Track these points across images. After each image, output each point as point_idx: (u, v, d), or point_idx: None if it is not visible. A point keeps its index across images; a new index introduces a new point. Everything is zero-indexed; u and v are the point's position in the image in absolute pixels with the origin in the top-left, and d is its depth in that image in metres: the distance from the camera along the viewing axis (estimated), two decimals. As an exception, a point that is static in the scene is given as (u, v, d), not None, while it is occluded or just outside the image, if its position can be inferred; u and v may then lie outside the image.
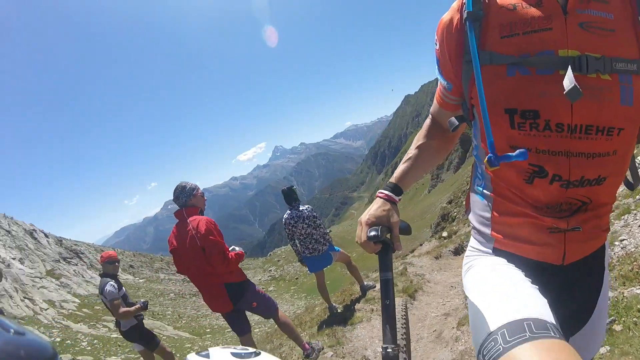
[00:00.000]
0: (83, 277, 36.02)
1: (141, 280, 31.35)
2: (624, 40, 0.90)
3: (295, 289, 24.01)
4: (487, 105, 0.96)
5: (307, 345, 3.95)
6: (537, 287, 1.01)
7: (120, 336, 5.02)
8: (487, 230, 1.15)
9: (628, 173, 1.13)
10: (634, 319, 2.79)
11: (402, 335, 1.25)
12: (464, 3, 0.99)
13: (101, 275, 4.62)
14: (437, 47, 1.13)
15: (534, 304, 0.89)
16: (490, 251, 1.16)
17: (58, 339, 19.89)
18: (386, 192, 1.21)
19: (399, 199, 1.22)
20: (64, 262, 37.67)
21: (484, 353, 0.85)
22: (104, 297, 4.34)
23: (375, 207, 1.17)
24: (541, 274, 1.07)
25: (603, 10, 0.89)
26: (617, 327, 2.83)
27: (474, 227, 1.22)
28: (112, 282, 4.38)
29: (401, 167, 1.29)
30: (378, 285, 5.67)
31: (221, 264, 3.33)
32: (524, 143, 0.96)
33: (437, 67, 1.18)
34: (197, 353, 1.11)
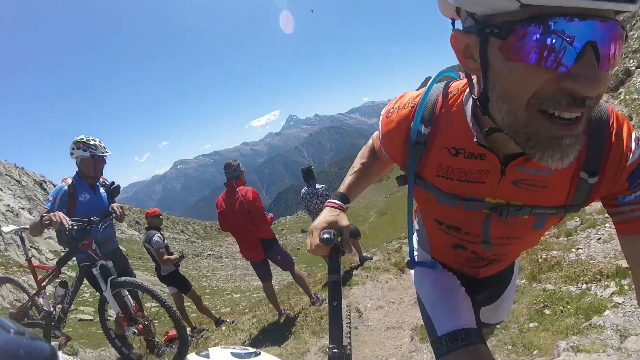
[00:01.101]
0: None
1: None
2: (553, 193, 0.95)
3: (296, 259, 24.99)
4: (419, 206, 1.28)
5: (313, 295, 5.07)
6: (463, 287, 1.36)
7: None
8: (428, 251, 1.48)
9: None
10: (561, 308, 3.58)
11: (347, 335, 1.31)
12: (411, 126, 1.04)
13: (147, 228, 5.65)
14: (381, 138, 1.18)
15: (465, 316, 1.23)
16: (430, 257, 1.48)
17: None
18: (335, 201, 1.28)
19: (347, 207, 1.29)
20: None
21: (435, 348, 1.21)
22: (151, 246, 5.28)
23: (326, 214, 1.22)
24: (465, 277, 1.42)
25: (544, 168, 0.89)
26: (547, 312, 3.65)
27: (418, 243, 1.52)
28: (159, 234, 5.40)
29: (348, 179, 1.38)
30: (375, 257, 6.73)
31: (262, 223, 4.52)
32: (451, 236, 1.23)
33: (380, 142, 1.22)
34: (197, 353, 1.16)
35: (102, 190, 3.89)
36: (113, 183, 4.04)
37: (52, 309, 3.77)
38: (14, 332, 0.57)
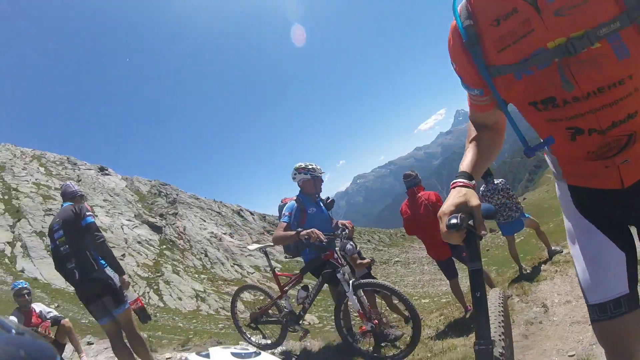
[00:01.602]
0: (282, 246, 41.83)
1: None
2: (599, 4, 0.93)
3: (486, 260, 23.84)
4: (514, 103, 1.19)
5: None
6: (611, 223, 1.24)
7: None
8: (560, 176, 1.37)
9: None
10: None
11: (498, 329, 1.19)
12: (456, 27, 1.15)
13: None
14: (455, 66, 1.25)
15: (614, 284, 1.18)
16: (566, 186, 1.35)
17: (261, 297, 23.89)
18: (460, 180, 1.16)
19: (474, 184, 1.17)
20: (268, 234, 44.15)
21: (589, 313, 1.25)
22: (345, 253, 5.98)
23: (452, 196, 1.10)
24: (606, 198, 1.23)
25: None
26: None
27: (553, 172, 1.42)
28: (351, 242, 6.22)
29: (467, 158, 1.27)
30: (565, 250, 6.18)
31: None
32: (555, 115, 1.11)
33: (461, 82, 1.28)
34: (198, 353, 1.09)
35: (321, 204, 4.64)
36: (328, 198, 4.80)
37: (292, 309, 4.45)
38: (14, 332, 0.60)
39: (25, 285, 5.35)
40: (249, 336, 4.82)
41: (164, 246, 29.87)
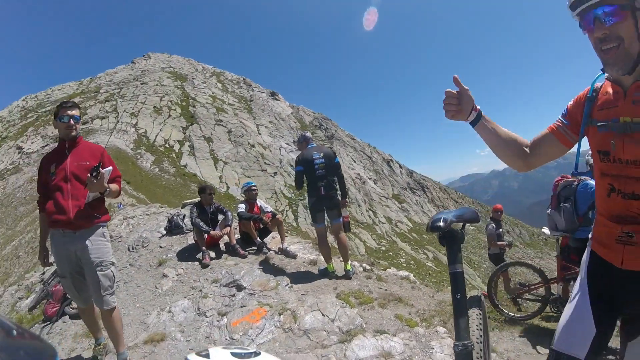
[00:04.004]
0: (422, 207, 41.74)
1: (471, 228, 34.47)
2: None
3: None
4: (591, 147, 1.59)
5: None
6: (602, 296, 1.50)
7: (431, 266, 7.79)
8: (591, 239, 1.67)
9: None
10: None
11: (477, 331, 1.22)
12: (587, 92, 1.59)
13: (491, 218, 8.14)
14: (571, 103, 1.65)
15: (578, 345, 1.44)
16: (590, 250, 1.65)
17: (383, 249, 24.70)
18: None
19: (470, 119, 1.69)
20: (410, 191, 44.29)
21: (549, 352, 1.54)
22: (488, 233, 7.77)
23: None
24: (608, 271, 1.51)
25: None
26: None
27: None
28: (492, 224, 7.79)
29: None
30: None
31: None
32: (606, 170, 1.50)
33: (564, 112, 1.67)
34: (198, 353, 1.15)
35: None
36: None
37: (560, 295, 4.68)
38: (15, 332, 0.61)
39: (255, 185, 7.15)
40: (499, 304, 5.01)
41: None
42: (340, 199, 5.59)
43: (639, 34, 1.36)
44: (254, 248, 6.76)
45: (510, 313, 4.77)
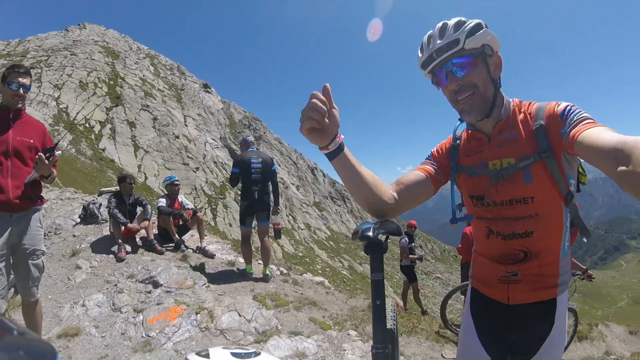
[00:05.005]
0: (341, 217, 42.75)
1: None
2: (524, 143, 1.39)
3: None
4: (463, 194, 1.61)
5: None
6: (489, 331, 1.55)
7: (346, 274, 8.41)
8: (470, 277, 1.71)
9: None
10: None
11: (392, 335, 1.25)
12: (451, 140, 1.64)
13: (405, 233, 8.74)
14: (435, 149, 1.68)
15: None
16: (471, 287, 1.68)
17: (300, 254, 25.27)
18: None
19: (331, 148, 1.26)
20: (330, 200, 45.26)
21: None
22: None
23: None
24: (495, 307, 1.53)
25: (511, 131, 1.44)
26: None
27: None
28: (408, 240, 8.47)
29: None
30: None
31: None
32: (481, 213, 1.53)
33: (430, 156, 1.68)
34: (197, 353, 1.14)
35: None
36: None
37: None
38: (16, 332, 0.62)
39: (178, 179, 6.94)
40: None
41: (235, 174, 32.25)
42: (272, 204, 5.71)
43: (492, 78, 1.40)
44: (171, 245, 6.56)
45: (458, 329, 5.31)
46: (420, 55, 1.46)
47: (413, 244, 8.86)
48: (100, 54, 40.64)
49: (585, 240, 1.59)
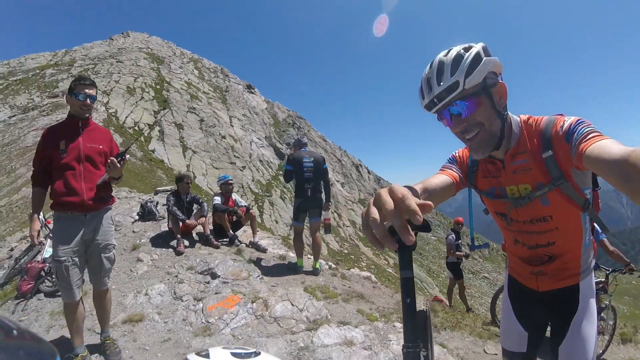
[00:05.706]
0: None
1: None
2: (537, 172, 1.46)
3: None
4: (489, 209, 1.77)
5: None
6: (524, 311, 1.81)
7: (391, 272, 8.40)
8: (506, 267, 1.97)
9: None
10: None
11: (424, 333, 1.27)
12: (468, 158, 1.72)
13: (452, 230, 9.09)
14: (458, 155, 1.76)
15: (517, 342, 1.79)
16: (508, 275, 1.93)
17: (345, 251, 25.38)
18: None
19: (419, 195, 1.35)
20: None
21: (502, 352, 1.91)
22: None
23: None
24: (528, 292, 1.78)
25: (522, 158, 1.49)
26: None
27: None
28: (455, 237, 8.41)
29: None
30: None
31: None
32: (506, 226, 1.70)
33: (452, 159, 1.75)
34: (197, 353, 1.14)
35: None
36: None
37: None
38: (16, 332, 0.61)
39: (231, 179, 7.44)
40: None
41: (280, 172, 32.20)
42: (324, 200, 6.02)
43: (498, 111, 1.40)
44: (226, 240, 6.99)
45: None
46: (421, 99, 1.43)
47: (460, 241, 8.86)
48: (146, 60, 42.42)
49: (604, 237, 1.76)
